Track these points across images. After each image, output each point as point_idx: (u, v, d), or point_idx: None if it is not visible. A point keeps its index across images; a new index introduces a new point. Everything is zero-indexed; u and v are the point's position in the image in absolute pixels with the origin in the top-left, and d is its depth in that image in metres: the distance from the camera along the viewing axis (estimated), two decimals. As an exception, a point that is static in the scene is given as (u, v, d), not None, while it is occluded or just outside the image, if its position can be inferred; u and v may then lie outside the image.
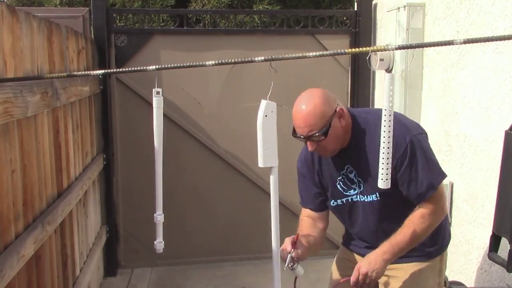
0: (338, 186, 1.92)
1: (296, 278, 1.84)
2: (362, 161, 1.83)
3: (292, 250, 1.75)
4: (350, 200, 1.91)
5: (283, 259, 1.75)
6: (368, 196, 1.85)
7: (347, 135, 1.84)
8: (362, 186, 1.86)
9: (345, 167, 1.88)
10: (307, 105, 1.75)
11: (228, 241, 3.99)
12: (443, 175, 1.81)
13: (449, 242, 2.02)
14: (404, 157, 1.75)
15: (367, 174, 1.82)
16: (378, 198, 1.83)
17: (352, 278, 1.78)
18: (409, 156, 1.75)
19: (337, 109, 1.77)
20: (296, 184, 2.11)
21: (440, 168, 1.82)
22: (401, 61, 3.10)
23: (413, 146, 1.76)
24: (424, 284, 1.93)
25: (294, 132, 1.80)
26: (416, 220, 1.79)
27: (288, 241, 1.78)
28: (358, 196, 1.89)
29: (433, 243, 1.93)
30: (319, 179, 1.97)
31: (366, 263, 1.77)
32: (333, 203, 1.96)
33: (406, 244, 1.78)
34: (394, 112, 1.59)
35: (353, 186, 1.89)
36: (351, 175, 1.88)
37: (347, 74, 3.96)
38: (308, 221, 2.01)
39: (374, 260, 1.77)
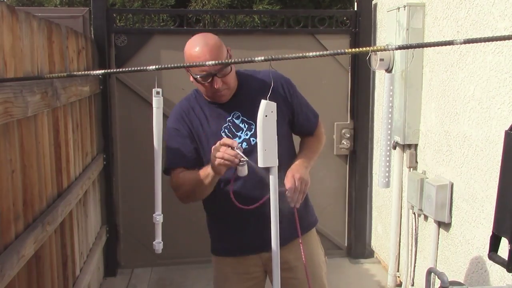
0: (223, 134, 1.87)
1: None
2: (252, 105, 1.75)
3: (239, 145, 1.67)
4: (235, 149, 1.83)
5: (232, 155, 1.62)
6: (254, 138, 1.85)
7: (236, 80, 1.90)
8: (253, 127, 1.86)
9: (231, 114, 1.89)
10: (208, 41, 1.77)
11: (228, 241, 3.99)
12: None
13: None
14: (296, 92, 1.99)
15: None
16: None
17: (288, 184, 1.75)
18: (297, 91, 2.00)
19: (228, 48, 1.84)
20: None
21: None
22: (401, 61, 3.10)
23: (294, 85, 2.01)
24: (317, 252, 2.09)
25: (193, 74, 1.78)
26: (317, 137, 2.05)
27: (229, 140, 1.68)
28: (251, 140, 1.86)
29: (310, 214, 2.09)
30: (200, 132, 1.90)
31: (293, 170, 1.80)
32: None
33: (315, 155, 1.99)
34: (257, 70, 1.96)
35: (239, 133, 1.88)
36: (238, 121, 1.88)
37: (347, 74, 3.96)
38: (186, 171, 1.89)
39: (297, 167, 1.83)
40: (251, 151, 1.81)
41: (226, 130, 1.89)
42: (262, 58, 1.69)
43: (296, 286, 2.00)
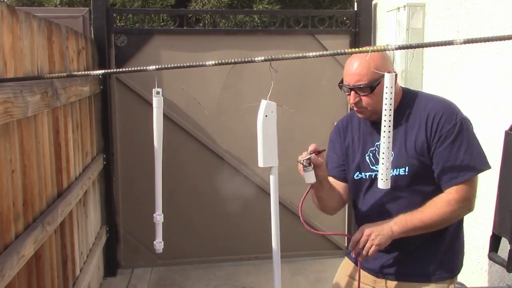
0: (367, 157, 1.81)
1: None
2: (399, 134, 1.73)
3: (313, 153, 1.66)
4: (373, 176, 1.78)
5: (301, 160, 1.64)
6: (396, 169, 1.71)
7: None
8: (394, 159, 1.72)
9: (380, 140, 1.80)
10: (364, 57, 1.67)
11: (228, 241, 3.99)
12: (487, 165, 1.68)
13: (462, 266, 1.83)
14: (450, 134, 1.67)
15: (402, 147, 1.72)
16: (406, 172, 1.70)
17: (354, 237, 1.70)
18: (455, 134, 1.67)
19: (392, 72, 1.57)
20: (295, 184, 2.11)
21: (485, 157, 1.70)
22: (401, 61, 3.10)
23: (461, 126, 1.68)
24: None
25: (341, 82, 1.76)
26: (439, 202, 1.66)
27: (313, 145, 1.68)
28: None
29: (445, 261, 1.76)
30: (348, 146, 1.88)
31: (372, 226, 1.67)
32: (356, 176, 1.84)
33: (420, 224, 1.65)
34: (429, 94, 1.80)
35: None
36: None
37: (347, 74, 3.95)
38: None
39: (381, 225, 1.66)
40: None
41: (371, 155, 1.81)
42: (262, 58, 1.69)
43: None
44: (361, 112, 1.77)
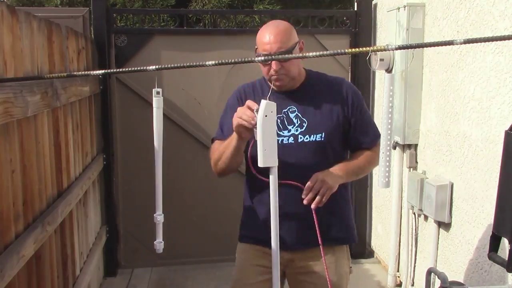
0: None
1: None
2: (311, 104, 1.88)
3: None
4: (280, 142, 1.84)
5: (248, 116, 1.63)
6: (312, 136, 1.86)
7: (300, 75, 1.90)
8: (305, 125, 1.87)
9: (288, 107, 1.89)
10: (279, 24, 1.80)
11: (228, 241, 3.98)
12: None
13: (355, 230, 2.07)
14: (361, 105, 1.95)
15: (316, 116, 1.88)
16: (323, 138, 1.86)
17: (309, 183, 1.75)
18: (363, 104, 1.96)
19: (301, 41, 1.86)
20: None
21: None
22: (401, 61, 3.10)
23: (363, 97, 1.99)
24: (343, 262, 2.01)
25: (257, 54, 1.79)
26: (368, 155, 1.95)
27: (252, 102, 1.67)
28: (298, 137, 1.86)
29: (345, 231, 2.00)
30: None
31: (321, 173, 1.78)
32: None
33: (357, 169, 1.91)
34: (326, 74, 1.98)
35: (289, 127, 1.88)
36: (292, 115, 1.89)
37: (347, 74, 3.96)
38: None
39: (327, 171, 1.81)
40: (295, 147, 1.85)
41: (278, 121, 1.86)
42: (262, 58, 1.69)
43: None
44: (281, 79, 1.83)
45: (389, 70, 3.23)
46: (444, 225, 2.83)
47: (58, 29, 2.47)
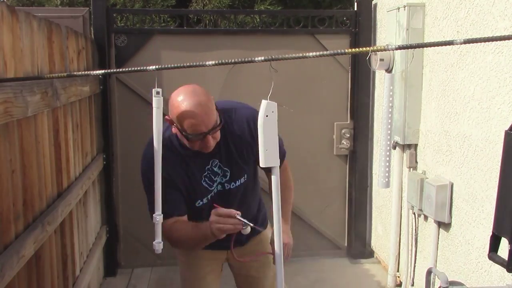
0: (204, 183, 1.95)
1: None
2: (228, 149, 1.94)
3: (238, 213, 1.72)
4: (209, 197, 1.96)
5: (233, 224, 1.71)
6: (237, 181, 1.98)
7: None
8: (228, 174, 1.96)
9: (211, 162, 1.94)
10: (200, 101, 1.75)
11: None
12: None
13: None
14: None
15: (235, 160, 1.95)
16: (245, 179, 2.00)
17: (285, 253, 1.94)
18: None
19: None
20: (295, 184, 2.12)
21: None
22: (401, 61, 3.10)
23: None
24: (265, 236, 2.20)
25: (186, 133, 1.76)
26: (284, 181, 1.98)
27: (227, 210, 1.74)
28: (225, 185, 1.97)
29: (263, 214, 2.26)
30: (188, 182, 1.93)
31: (286, 238, 2.00)
32: (198, 204, 1.97)
33: (290, 206, 2.14)
34: (237, 102, 2.05)
35: (215, 179, 1.95)
36: (216, 168, 1.95)
37: (347, 74, 3.96)
38: (183, 220, 1.95)
39: (287, 233, 2.04)
40: (226, 192, 1.99)
41: (206, 179, 1.96)
42: (262, 58, 1.69)
43: (251, 283, 2.33)
44: (210, 148, 1.84)
45: (389, 70, 3.24)
46: (444, 225, 2.83)
47: (58, 29, 2.47)
